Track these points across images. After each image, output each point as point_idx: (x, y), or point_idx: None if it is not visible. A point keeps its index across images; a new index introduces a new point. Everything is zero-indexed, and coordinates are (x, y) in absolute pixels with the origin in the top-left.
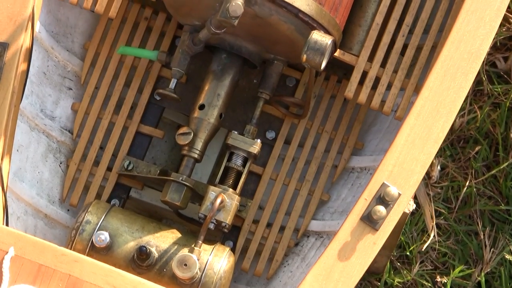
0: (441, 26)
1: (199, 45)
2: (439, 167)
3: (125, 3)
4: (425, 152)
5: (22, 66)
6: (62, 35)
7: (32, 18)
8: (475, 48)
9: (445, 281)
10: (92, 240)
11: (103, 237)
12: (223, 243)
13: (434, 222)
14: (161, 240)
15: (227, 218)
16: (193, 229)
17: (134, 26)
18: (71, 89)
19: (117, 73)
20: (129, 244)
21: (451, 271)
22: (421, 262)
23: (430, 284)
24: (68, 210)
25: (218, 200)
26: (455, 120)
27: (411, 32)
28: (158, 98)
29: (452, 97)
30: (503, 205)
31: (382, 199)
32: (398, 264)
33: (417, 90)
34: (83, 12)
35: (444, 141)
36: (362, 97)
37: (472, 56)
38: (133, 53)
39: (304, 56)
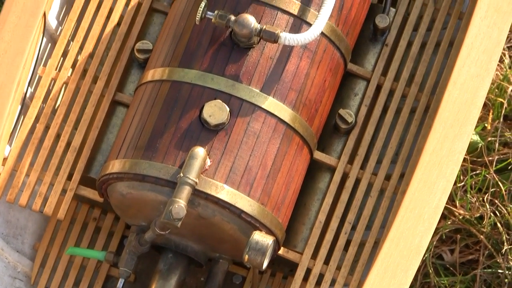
0: (383, 222)
1: (145, 246)
2: None
3: (74, 204)
4: None
5: None
6: (12, 237)
7: None
8: (415, 245)
9: None
10: None
11: None
12: None
13: None
14: None
15: None
16: None
17: (83, 226)
18: None
19: (67, 273)
20: None
21: None
22: None
23: None
24: None
25: None
26: None
27: (354, 228)
28: None
29: None
30: None
31: None
32: None
33: (360, 286)
34: (33, 213)
35: None
36: None
37: (412, 252)
38: (82, 253)
39: (246, 256)
